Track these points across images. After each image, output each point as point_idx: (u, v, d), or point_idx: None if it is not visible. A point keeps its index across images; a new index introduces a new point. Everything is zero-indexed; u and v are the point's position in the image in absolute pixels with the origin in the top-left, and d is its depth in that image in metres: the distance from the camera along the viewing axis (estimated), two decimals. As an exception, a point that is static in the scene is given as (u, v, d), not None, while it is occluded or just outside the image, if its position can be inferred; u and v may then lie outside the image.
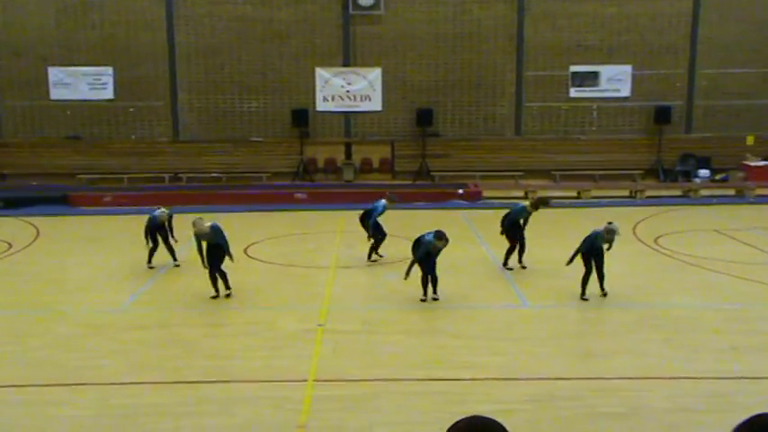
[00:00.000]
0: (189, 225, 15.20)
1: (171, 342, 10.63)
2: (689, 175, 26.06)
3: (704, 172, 25.82)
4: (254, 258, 15.77)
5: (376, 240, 15.37)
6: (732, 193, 24.59)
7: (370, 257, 15.44)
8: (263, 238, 17.90)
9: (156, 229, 14.99)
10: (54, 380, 9.20)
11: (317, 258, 16.00)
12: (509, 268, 14.69)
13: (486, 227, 18.79)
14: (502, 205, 22.21)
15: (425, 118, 26.24)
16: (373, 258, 15.50)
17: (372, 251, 15.47)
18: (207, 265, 12.65)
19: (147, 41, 26.26)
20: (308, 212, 21.76)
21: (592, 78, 26.80)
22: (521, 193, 22.91)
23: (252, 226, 19.15)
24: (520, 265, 14.67)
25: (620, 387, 8.87)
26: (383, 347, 10.30)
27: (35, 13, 26.04)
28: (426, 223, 15.81)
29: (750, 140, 26.94)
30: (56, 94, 26.40)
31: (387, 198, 15.52)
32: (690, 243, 17.00)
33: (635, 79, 26.78)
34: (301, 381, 9.06)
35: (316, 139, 26.86)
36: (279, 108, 26.74)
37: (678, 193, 24.65)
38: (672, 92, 26.96)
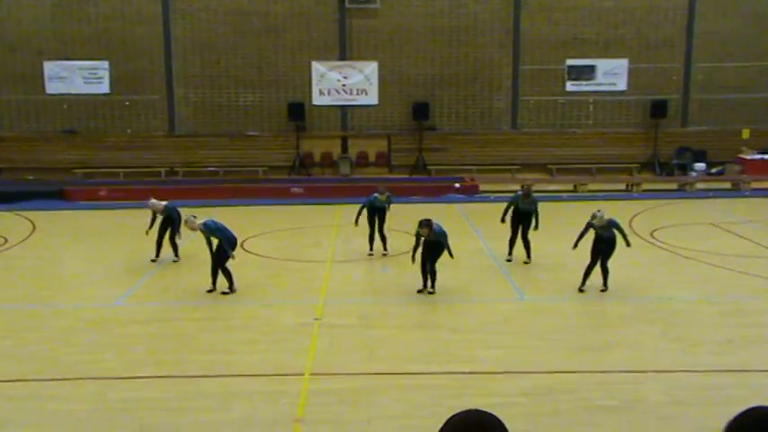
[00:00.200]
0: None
1: (168, 336, 10.64)
2: (685, 169, 26.10)
3: (700, 165, 25.85)
4: (250, 253, 15.77)
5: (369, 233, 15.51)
6: (728, 186, 24.65)
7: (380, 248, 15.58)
8: (259, 232, 17.89)
9: (171, 222, 14.99)
10: (51, 374, 9.20)
11: (313, 252, 16.01)
12: (508, 259, 14.74)
13: (483, 220, 18.83)
14: (498, 199, 22.29)
15: (422, 112, 26.22)
16: (369, 252, 15.54)
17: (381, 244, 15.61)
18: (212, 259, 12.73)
19: (142, 35, 26.19)
20: (305, 207, 21.76)
21: (588, 72, 26.79)
22: (517, 187, 22.88)
23: (248, 220, 19.13)
24: (524, 261, 14.69)
25: (616, 380, 8.90)
26: (380, 341, 10.32)
27: (31, 7, 25.94)
28: (423, 217, 15.78)
29: (746, 134, 26.98)
30: (51, 88, 26.31)
31: (378, 191, 15.62)
32: (686, 236, 17.03)
33: (631, 73, 26.78)
34: (298, 375, 9.08)
35: (312, 133, 26.83)
36: (275, 102, 26.69)
37: (674, 186, 24.69)
38: (668, 85, 26.97)
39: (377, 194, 15.56)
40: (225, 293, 12.62)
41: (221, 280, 12.72)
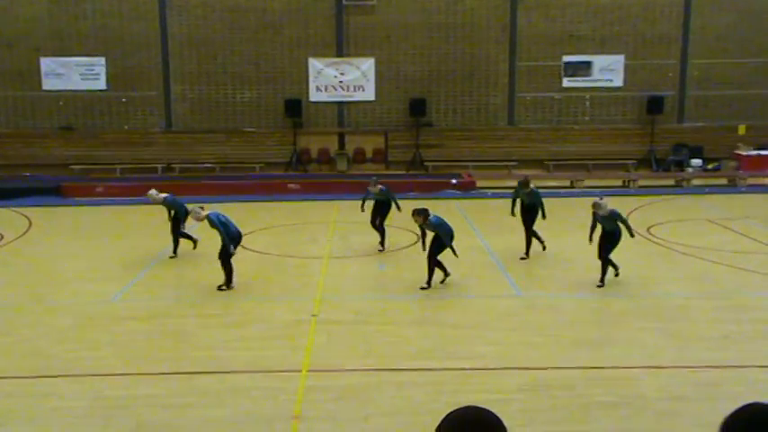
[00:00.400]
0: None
1: (164, 333, 10.63)
2: (681, 165, 26.13)
3: (696, 162, 25.88)
4: (247, 249, 15.75)
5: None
6: (724, 182, 24.69)
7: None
8: (256, 228, 17.87)
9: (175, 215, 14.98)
10: (46, 371, 9.20)
11: (310, 249, 16.01)
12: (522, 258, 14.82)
13: (480, 217, 18.84)
14: (495, 195, 22.31)
15: (419, 108, 26.21)
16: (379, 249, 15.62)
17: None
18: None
19: (139, 32, 26.13)
20: (302, 203, 21.74)
21: (584, 68, 26.79)
22: (514, 183, 22.90)
23: (245, 216, 19.07)
24: (521, 257, 14.72)
25: (612, 376, 8.92)
26: (377, 337, 10.32)
27: (27, 4, 25.86)
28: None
29: (742, 130, 27.01)
30: (48, 84, 26.25)
31: (369, 184, 15.76)
32: (682, 232, 17.06)
33: (628, 69, 26.79)
34: (295, 371, 9.08)
35: (309, 129, 26.81)
36: (272, 98, 26.66)
37: (671, 182, 24.73)
38: (664, 82, 26.98)
39: (369, 187, 15.68)
40: (221, 289, 12.60)
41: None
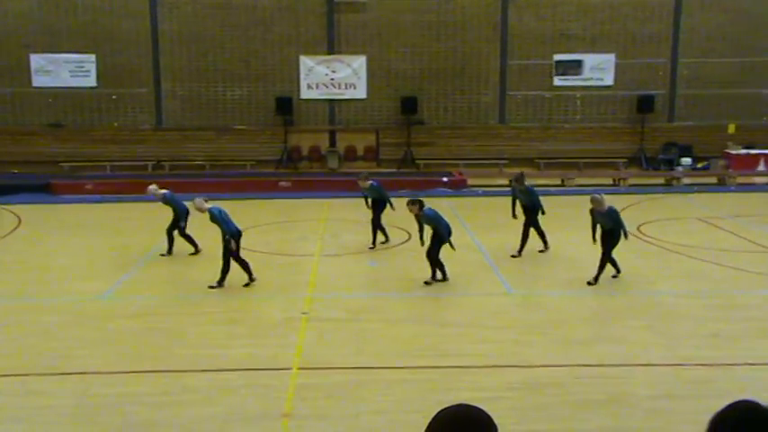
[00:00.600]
0: (169, 216, 15.17)
1: (153, 331, 10.58)
2: (671, 164, 26.22)
3: (686, 160, 25.98)
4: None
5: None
6: (714, 181, 24.79)
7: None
8: (247, 226, 17.75)
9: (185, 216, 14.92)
10: (34, 369, 9.13)
11: (301, 246, 15.98)
12: (541, 250, 14.89)
13: (471, 215, 18.85)
14: (486, 193, 22.34)
15: (410, 106, 26.20)
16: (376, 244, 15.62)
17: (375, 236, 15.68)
18: None
19: (129, 28, 26.01)
20: (293, 200, 21.69)
21: (575, 67, 26.85)
22: (505, 182, 22.95)
23: (235, 214, 18.93)
24: (512, 255, 14.73)
25: (602, 374, 8.93)
26: (368, 335, 10.31)
27: (17, 0, 25.71)
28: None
29: (731, 129, 27.13)
30: (38, 81, 26.11)
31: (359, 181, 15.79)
32: (672, 231, 17.11)
33: (618, 68, 26.86)
34: (286, 369, 9.06)
35: (300, 127, 26.76)
36: (262, 96, 26.59)
37: (661, 181, 24.81)
38: (654, 81, 27.07)
39: (359, 182, 15.69)
40: (211, 287, 12.53)
41: (237, 271, 12.66)
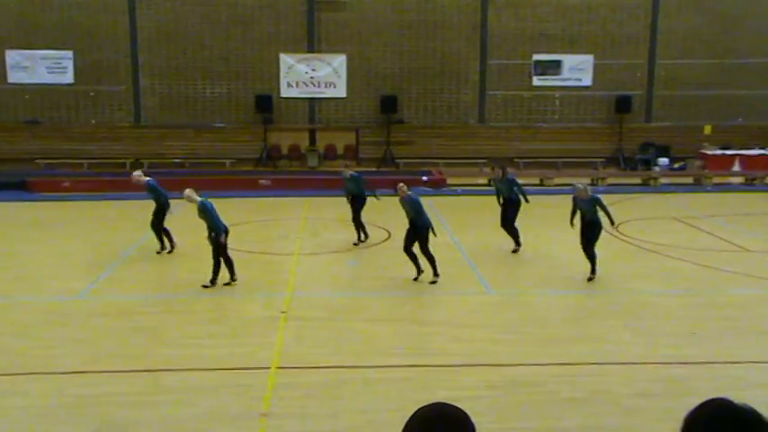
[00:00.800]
0: (147, 213, 15.06)
1: (131, 330, 10.49)
2: (649, 164, 26.45)
3: (663, 160, 26.22)
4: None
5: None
6: (690, 181, 25.04)
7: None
8: (226, 224, 17.71)
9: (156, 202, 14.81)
10: (9, 369, 9.01)
11: (281, 245, 15.93)
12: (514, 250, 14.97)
13: (451, 214, 18.88)
14: (465, 192, 22.41)
15: (390, 105, 26.22)
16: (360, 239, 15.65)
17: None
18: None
19: (108, 25, 25.80)
20: (272, 199, 21.63)
21: (554, 67, 27.01)
22: (484, 181, 23.05)
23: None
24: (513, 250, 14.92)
25: (580, 372, 8.99)
26: (347, 334, 10.30)
27: (-9, -6, 25.44)
28: (390, 210, 15.80)
29: (707, 130, 27.44)
30: (14, 77, 25.83)
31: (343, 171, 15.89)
32: (650, 230, 17.26)
33: (596, 69, 27.06)
34: (265, 368, 9.03)
35: (280, 125, 26.68)
36: (242, 94, 26.49)
37: (638, 181, 25.02)
38: (632, 81, 27.31)
39: (342, 174, 15.75)
40: (205, 286, 12.42)
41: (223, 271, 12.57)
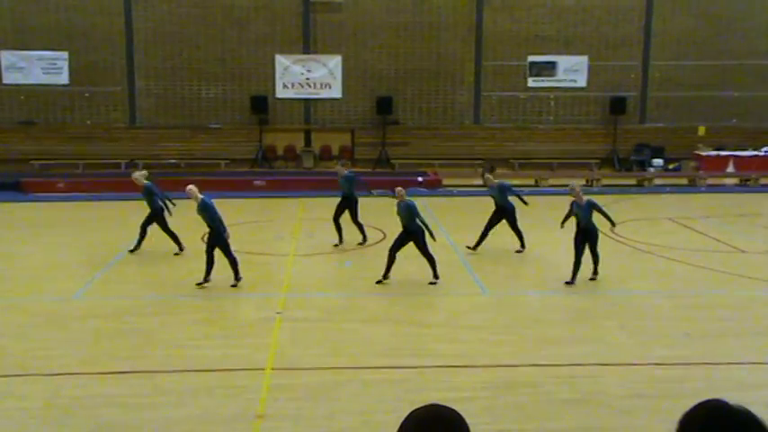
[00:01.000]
0: (142, 215, 15.03)
1: (125, 331, 10.47)
2: (643, 165, 26.50)
3: (658, 161, 26.28)
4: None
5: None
6: (685, 182, 25.10)
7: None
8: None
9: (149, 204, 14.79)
10: (3, 371, 8.98)
11: (276, 246, 15.91)
12: (518, 251, 15.01)
13: (446, 215, 18.89)
14: (461, 193, 22.42)
15: (385, 106, 26.22)
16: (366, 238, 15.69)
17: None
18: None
19: (103, 26, 25.75)
20: (267, 200, 21.61)
21: (549, 68, 27.04)
22: (480, 182, 23.03)
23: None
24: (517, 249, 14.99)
25: (576, 373, 9.00)
26: (342, 335, 10.29)
27: (-14, -5, 25.37)
28: (386, 211, 15.82)
29: (701, 131, 27.51)
30: (9, 78, 25.76)
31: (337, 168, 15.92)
32: (645, 231, 17.28)
33: (591, 70, 27.10)
34: (260, 369, 9.02)
35: (275, 126, 26.66)
36: (238, 95, 26.46)
37: (633, 182, 25.07)
38: (626, 83, 27.36)
39: (336, 170, 15.84)
40: (199, 284, 12.39)
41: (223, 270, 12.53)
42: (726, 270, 13.85)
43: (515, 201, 14.99)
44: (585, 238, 12.61)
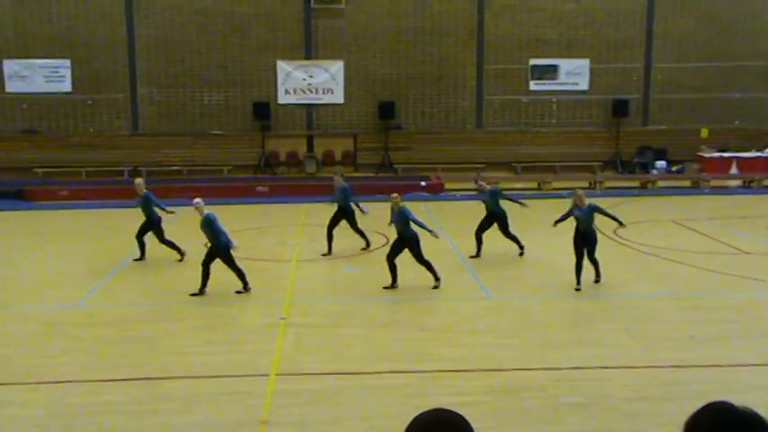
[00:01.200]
0: (136, 220, 15.03)
1: (129, 338, 10.47)
2: (646, 167, 26.48)
3: (661, 163, 26.25)
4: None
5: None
6: (688, 184, 25.07)
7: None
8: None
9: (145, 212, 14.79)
10: (7, 379, 8.99)
11: (279, 252, 15.92)
12: (521, 253, 15.05)
13: (449, 219, 18.88)
14: (464, 197, 22.40)
15: (388, 111, 26.23)
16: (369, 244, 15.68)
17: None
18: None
19: (105, 34, 25.83)
20: (270, 205, 21.62)
21: (551, 72, 27.05)
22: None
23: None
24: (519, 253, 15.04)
25: (580, 377, 8.97)
26: (346, 341, 10.28)
27: (-12, 4, 25.46)
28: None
29: (704, 133, 27.49)
30: (12, 86, 25.84)
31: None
32: (648, 233, 17.26)
33: (593, 73, 27.10)
34: (264, 375, 9.01)
35: (277, 132, 26.70)
36: (240, 101, 26.51)
37: (636, 184, 25.05)
38: (629, 85, 27.36)
39: (334, 178, 15.78)
40: (193, 294, 12.39)
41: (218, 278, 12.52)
42: (729, 272, 13.82)
43: (510, 206, 14.95)
44: (584, 241, 12.55)
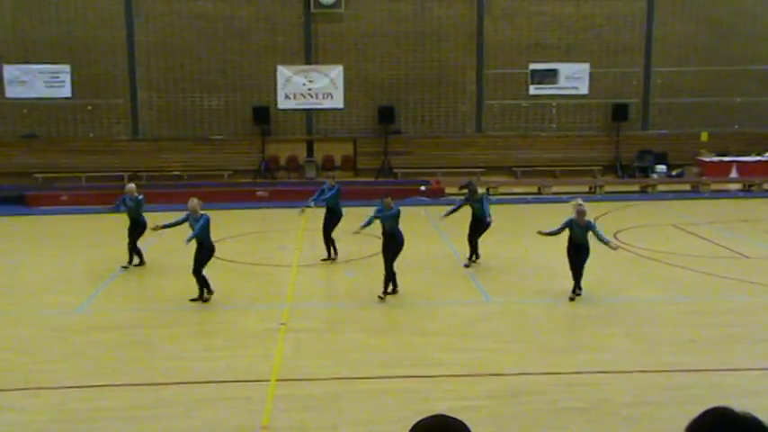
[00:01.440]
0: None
1: (130, 344, 10.46)
2: (646, 171, 26.48)
3: (661, 168, 26.25)
4: (214, 257, 15.58)
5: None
6: (688, 188, 25.07)
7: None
8: (224, 236, 17.70)
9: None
10: (8, 384, 8.98)
11: (278, 257, 15.91)
12: (471, 263, 14.85)
13: (449, 223, 18.86)
14: (464, 202, 22.37)
15: (387, 115, 26.24)
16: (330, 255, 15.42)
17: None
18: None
19: (105, 39, 25.83)
20: (270, 210, 21.62)
21: (551, 76, 27.05)
22: (482, 190, 23.00)
23: (213, 224, 18.90)
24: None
25: (581, 381, 8.96)
26: (346, 346, 10.27)
27: (-12, 10, 25.48)
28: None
29: (704, 137, 27.49)
30: (11, 92, 25.82)
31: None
32: (648, 238, 17.26)
33: (593, 77, 27.11)
34: (264, 380, 9.00)
35: (277, 136, 26.69)
36: (240, 106, 26.51)
37: (636, 188, 25.05)
38: (629, 90, 27.36)
39: (327, 179, 15.74)
40: (193, 300, 12.38)
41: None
42: (730, 276, 13.82)
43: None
44: (578, 253, 12.39)
